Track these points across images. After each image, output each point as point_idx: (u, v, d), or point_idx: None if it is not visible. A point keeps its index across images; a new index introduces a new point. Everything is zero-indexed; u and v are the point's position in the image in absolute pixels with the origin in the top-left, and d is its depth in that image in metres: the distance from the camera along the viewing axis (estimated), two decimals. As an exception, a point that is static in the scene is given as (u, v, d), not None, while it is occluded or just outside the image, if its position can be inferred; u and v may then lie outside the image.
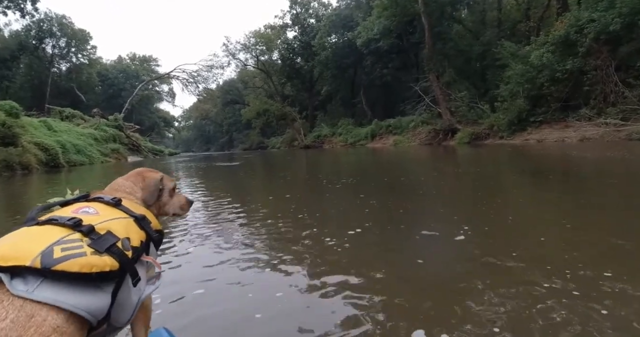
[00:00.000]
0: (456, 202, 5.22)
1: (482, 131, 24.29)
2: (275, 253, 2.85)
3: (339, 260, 2.64)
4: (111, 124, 38.94)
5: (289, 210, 5.05)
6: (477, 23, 32.45)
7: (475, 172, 9.32)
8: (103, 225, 0.99)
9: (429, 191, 6.60)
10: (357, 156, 20.61)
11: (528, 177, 7.61)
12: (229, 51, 51.42)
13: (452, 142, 25.90)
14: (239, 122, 70.18)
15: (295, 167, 15.74)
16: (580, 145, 17.08)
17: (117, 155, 32.97)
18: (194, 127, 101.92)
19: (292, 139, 51.09)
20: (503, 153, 15.96)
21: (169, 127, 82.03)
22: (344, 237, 3.18)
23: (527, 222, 3.75)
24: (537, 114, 21.32)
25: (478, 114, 26.10)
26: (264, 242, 3.20)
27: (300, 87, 55.95)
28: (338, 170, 12.76)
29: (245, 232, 3.64)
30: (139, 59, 74.88)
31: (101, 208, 1.10)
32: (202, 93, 59.25)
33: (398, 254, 2.84)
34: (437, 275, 2.34)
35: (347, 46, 43.67)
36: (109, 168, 20.58)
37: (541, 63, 20.26)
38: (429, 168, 11.86)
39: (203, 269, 2.59)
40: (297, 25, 51.69)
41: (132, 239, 1.02)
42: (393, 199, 5.75)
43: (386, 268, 2.41)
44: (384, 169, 11.97)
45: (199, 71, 49.32)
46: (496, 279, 2.12)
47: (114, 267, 0.89)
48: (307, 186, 8.05)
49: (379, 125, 36.24)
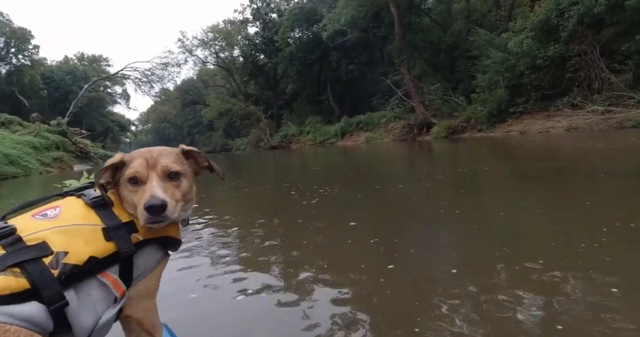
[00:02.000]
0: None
1: (459, 124, 22.85)
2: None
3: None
4: (53, 130, 34.54)
5: (249, 250, 3.19)
6: (444, 14, 31.19)
7: (469, 174, 7.37)
8: (39, 235, 0.88)
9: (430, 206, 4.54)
10: (328, 157, 18.44)
11: (532, 182, 5.74)
12: (185, 47, 47.77)
13: (428, 137, 24.35)
14: (201, 124, 66.27)
15: (260, 173, 13.36)
16: (568, 135, 15.77)
17: (60, 164, 29.14)
18: (153, 131, 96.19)
19: (257, 139, 48.25)
20: (486, 147, 14.39)
21: (124, 132, 76.37)
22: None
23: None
24: (518, 104, 20.04)
25: (453, 106, 24.67)
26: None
27: (264, 85, 53.10)
28: (308, 176, 10.51)
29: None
30: (88, 59, 69.06)
31: (71, 209, 0.99)
32: (158, 94, 55.14)
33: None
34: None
35: (312, 41, 41.46)
36: (48, 180, 17.43)
37: (521, 50, 18.94)
38: (410, 169, 9.85)
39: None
40: (258, 20, 48.82)
41: (73, 254, 0.88)
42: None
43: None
44: (362, 174, 9.82)
45: (152, 69, 45.41)
46: None
47: (8, 289, 0.78)
48: (274, 201, 5.86)
49: (348, 122, 34.30)
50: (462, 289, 1.94)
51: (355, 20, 29.18)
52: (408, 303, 1.87)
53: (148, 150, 1.16)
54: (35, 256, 0.83)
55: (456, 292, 1.91)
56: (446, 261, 2.44)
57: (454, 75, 29.36)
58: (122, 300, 0.99)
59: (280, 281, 2.28)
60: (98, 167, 27.88)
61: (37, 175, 22.33)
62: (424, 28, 29.62)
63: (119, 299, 0.98)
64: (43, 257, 0.85)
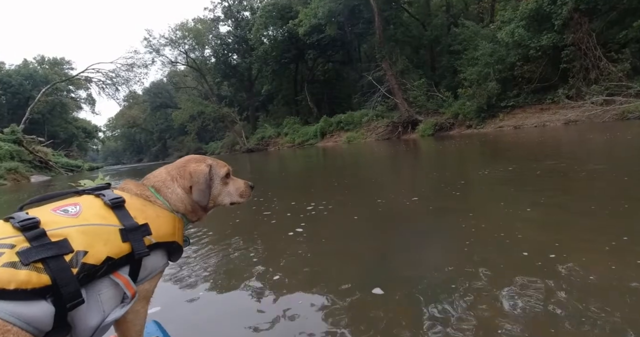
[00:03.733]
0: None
1: (446, 121, 21.48)
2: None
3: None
4: (7, 138, 31.07)
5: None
6: (423, 8, 29.93)
7: (471, 176, 5.69)
8: (62, 231, 0.88)
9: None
10: (308, 160, 16.53)
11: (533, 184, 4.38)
12: (152, 47, 44.55)
13: (414, 135, 22.88)
14: (172, 128, 62.96)
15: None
16: (567, 129, 14.53)
17: (15, 176, 26.09)
18: (122, 137, 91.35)
19: (233, 142, 45.80)
20: (479, 144, 12.89)
21: (90, 138, 71.73)
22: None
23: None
24: (509, 97, 18.81)
25: (438, 103, 23.32)
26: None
27: (238, 86, 50.60)
28: (289, 185, 8.62)
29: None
30: (49, 62, 64.42)
31: (90, 208, 0.99)
32: (125, 98, 51.73)
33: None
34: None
35: (287, 39, 39.54)
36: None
37: (512, 40, 17.70)
38: (399, 170, 8.08)
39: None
40: (230, 18, 46.38)
41: (93, 254, 0.88)
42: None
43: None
44: (348, 178, 8.02)
45: (117, 71, 42.16)
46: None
47: (30, 284, 0.77)
48: (251, 228, 3.95)
49: (328, 122, 32.51)
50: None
51: (333, 13, 27.46)
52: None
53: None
54: (58, 253, 0.82)
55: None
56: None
57: (436, 71, 28.18)
58: (133, 300, 0.99)
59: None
60: (59, 178, 24.70)
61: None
62: (404, 22, 28.22)
63: (130, 299, 0.98)
64: (64, 255, 0.83)
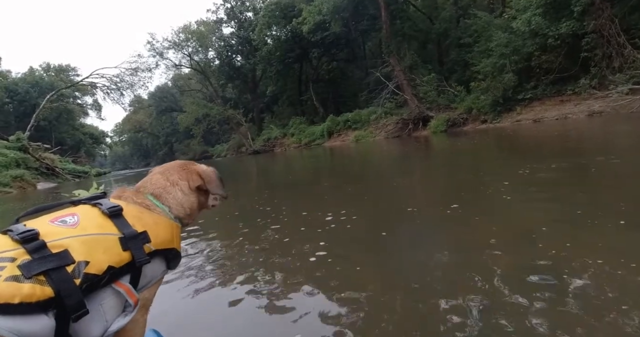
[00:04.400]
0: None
1: (459, 116, 20.52)
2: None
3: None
4: (12, 146, 30.73)
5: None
6: (430, 0, 28.91)
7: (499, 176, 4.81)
8: (62, 242, 0.86)
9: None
10: (316, 161, 15.67)
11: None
12: (156, 50, 43.95)
13: (425, 132, 21.94)
14: (178, 132, 62.47)
15: (238, 192, 10.61)
16: (592, 121, 13.56)
17: (21, 184, 25.74)
18: (129, 142, 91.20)
19: (239, 145, 45.13)
20: (498, 140, 11.99)
21: (98, 144, 71.52)
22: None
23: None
24: (526, 89, 17.82)
25: (449, 98, 22.36)
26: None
27: (242, 88, 49.92)
28: (299, 191, 7.84)
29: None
30: (55, 69, 64.34)
31: (88, 218, 0.97)
32: (131, 103, 51.31)
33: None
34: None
35: (291, 38, 38.77)
36: (2, 202, 14.26)
37: (529, 29, 16.73)
38: (430, 173, 7.17)
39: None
40: (233, 19, 45.67)
41: (94, 263, 0.87)
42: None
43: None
44: (369, 184, 7.16)
45: (121, 76, 41.67)
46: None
47: (34, 297, 0.76)
48: (259, 253, 3.10)
49: (335, 121, 31.62)
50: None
51: (338, 9, 26.59)
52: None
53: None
54: (59, 264, 0.81)
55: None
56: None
57: (445, 66, 27.20)
58: (135, 309, 0.98)
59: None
60: (66, 184, 24.15)
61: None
62: (411, 16, 27.27)
63: (133, 307, 0.97)
64: (66, 266, 0.82)
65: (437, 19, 27.90)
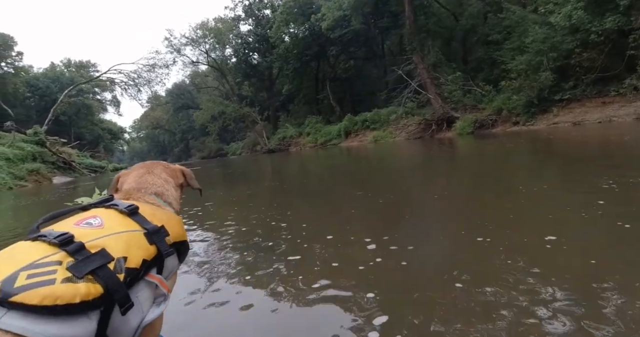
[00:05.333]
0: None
1: (488, 117, 19.11)
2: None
3: None
4: (30, 140, 30.61)
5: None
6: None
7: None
8: (98, 242, 0.88)
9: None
10: (333, 162, 14.55)
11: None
12: (173, 47, 43.45)
13: (449, 134, 20.59)
14: (194, 129, 62.18)
15: (250, 198, 9.54)
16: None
17: (36, 178, 25.54)
18: (147, 138, 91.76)
19: (254, 143, 44.36)
20: (536, 144, 10.60)
21: (116, 140, 71.86)
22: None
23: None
24: (564, 89, 16.33)
25: (477, 98, 20.94)
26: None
27: (258, 86, 49.15)
28: (319, 201, 6.71)
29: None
30: (75, 65, 64.76)
31: (110, 218, 1.00)
32: (149, 100, 51.02)
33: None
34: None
35: (309, 36, 37.77)
36: (16, 196, 13.78)
37: (569, 24, 15.26)
38: (483, 182, 5.83)
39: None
40: (250, 17, 44.92)
41: (131, 258, 0.91)
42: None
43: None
44: (406, 193, 5.88)
45: (138, 72, 41.28)
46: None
47: (91, 295, 0.78)
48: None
49: (352, 120, 30.45)
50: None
51: (359, 4, 25.36)
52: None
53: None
54: (103, 263, 0.83)
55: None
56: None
57: (469, 65, 25.73)
58: (168, 298, 1.01)
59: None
60: (82, 179, 23.57)
61: (6, 190, 18.69)
62: (437, 12, 25.86)
63: (165, 297, 1.00)
64: (108, 263, 0.84)
65: (461, 15, 26.45)
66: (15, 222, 6.58)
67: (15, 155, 25.61)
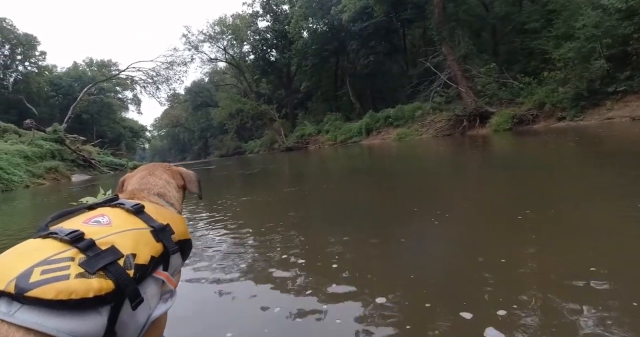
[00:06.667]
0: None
1: (528, 112, 17.16)
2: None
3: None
4: (49, 138, 30.12)
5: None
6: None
7: None
8: (107, 239, 0.88)
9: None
10: (355, 162, 12.97)
11: None
12: (191, 43, 42.47)
13: (484, 130, 18.71)
14: (213, 127, 61.56)
15: (262, 218, 8.02)
16: None
17: (55, 175, 24.94)
18: (167, 136, 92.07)
19: (271, 141, 43.15)
20: (607, 144, 8.60)
21: (137, 138, 72.04)
22: None
23: None
24: (619, 80, 14.30)
25: (514, 91, 18.97)
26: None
27: (276, 83, 47.86)
28: (345, 211, 4.98)
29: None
30: (97, 64, 64.96)
31: (117, 217, 1.00)
32: (169, 98, 50.42)
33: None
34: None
35: (328, 30, 36.18)
36: (32, 195, 13.07)
37: (626, 6, 13.25)
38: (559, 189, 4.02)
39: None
40: (269, 13, 43.58)
41: (140, 255, 0.91)
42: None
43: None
44: (459, 201, 4.07)
45: (156, 69, 40.51)
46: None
47: (103, 290, 0.78)
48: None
49: (374, 117, 28.72)
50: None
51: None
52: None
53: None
54: (114, 259, 0.83)
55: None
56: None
57: (500, 57, 23.65)
58: (175, 294, 1.01)
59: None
60: (101, 177, 22.62)
61: (22, 189, 17.99)
62: (466, 0, 23.87)
63: (172, 293, 1.00)
64: (118, 259, 0.84)
65: (492, 4, 24.41)
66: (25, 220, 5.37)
67: (34, 153, 25.07)
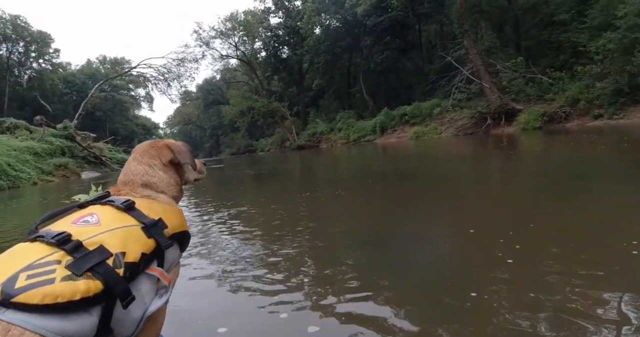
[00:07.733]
0: None
1: (559, 110, 15.69)
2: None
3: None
4: (59, 134, 29.52)
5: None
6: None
7: None
8: (96, 239, 0.87)
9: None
10: (370, 163, 11.75)
11: None
12: (202, 40, 41.59)
13: (510, 129, 17.28)
14: (224, 125, 60.81)
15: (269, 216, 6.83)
16: None
17: (64, 172, 24.44)
18: (180, 133, 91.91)
19: (283, 139, 42.12)
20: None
21: (150, 135, 71.88)
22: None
23: None
24: (666, 74, 12.81)
25: (543, 87, 17.49)
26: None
27: (288, 80, 46.75)
28: (366, 228, 3.72)
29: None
30: (110, 61, 64.79)
31: (107, 215, 0.98)
32: (181, 96, 49.56)
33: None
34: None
35: (342, 26, 34.88)
36: (40, 192, 12.64)
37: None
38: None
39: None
40: (280, 9, 42.48)
41: (130, 253, 0.90)
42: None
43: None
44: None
45: (167, 66, 39.77)
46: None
47: (91, 291, 0.78)
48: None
49: (389, 115, 27.34)
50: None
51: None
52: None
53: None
54: (101, 259, 0.83)
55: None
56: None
57: (523, 52, 22.08)
58: (170, 289, 1.01)
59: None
60: (110, 174, 21.93)
61: (30, 186, 17.39)
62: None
63: (167, 288, 0.99)
64: (106, 259, 0.84)
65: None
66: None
67: (44, 150, 24.65)
